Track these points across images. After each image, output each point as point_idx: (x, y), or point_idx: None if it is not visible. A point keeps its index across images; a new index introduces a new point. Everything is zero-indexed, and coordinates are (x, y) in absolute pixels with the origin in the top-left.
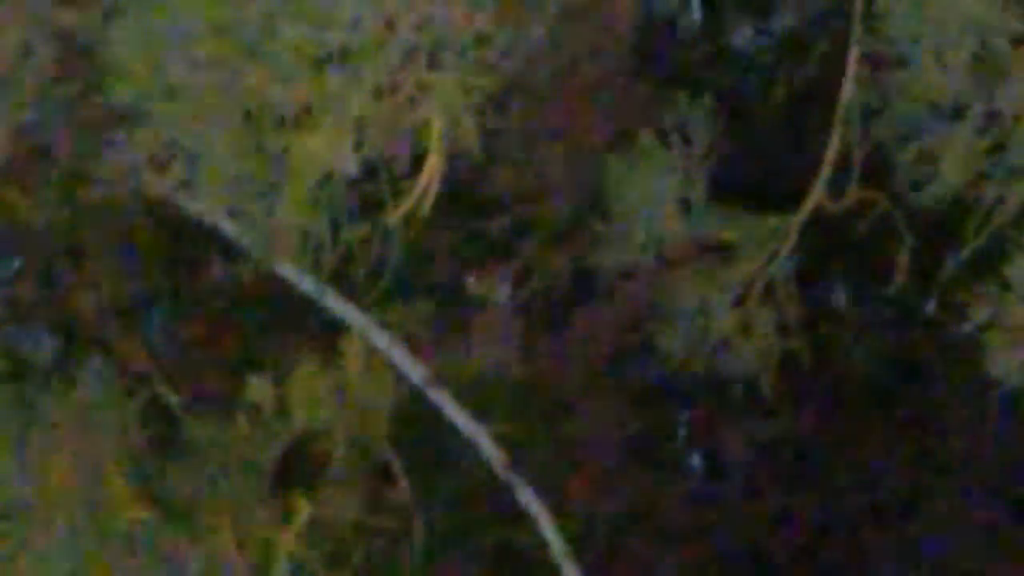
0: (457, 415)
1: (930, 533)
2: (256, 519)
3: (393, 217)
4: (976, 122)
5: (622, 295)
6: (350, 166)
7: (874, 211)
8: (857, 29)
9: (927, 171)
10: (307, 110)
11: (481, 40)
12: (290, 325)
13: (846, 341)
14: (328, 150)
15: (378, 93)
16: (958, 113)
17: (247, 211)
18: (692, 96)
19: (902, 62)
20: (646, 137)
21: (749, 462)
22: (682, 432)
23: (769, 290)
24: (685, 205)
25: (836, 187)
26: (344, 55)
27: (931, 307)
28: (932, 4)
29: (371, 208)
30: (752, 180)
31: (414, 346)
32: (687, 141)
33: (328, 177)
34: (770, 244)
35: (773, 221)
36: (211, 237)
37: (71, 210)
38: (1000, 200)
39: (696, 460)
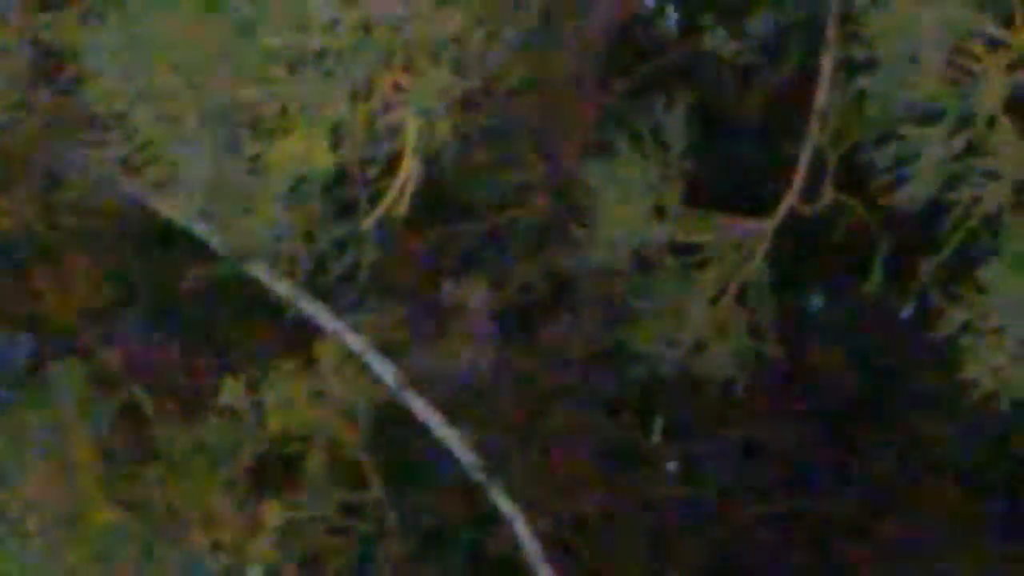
0: (432, 419)
1: (907, 537)
2: (230, 523)
3: (368, 220)
4: (951, 125)
5: (597, 299)
6: (324, 169)
7: (849, 214)
8: (832, 32)
9: (902, 174)
10: (282, 113)
11: (457, 43)
12: (265, 328)
13: (822, 345)
14: (303, 153)
15: (354, 96)
16: (933, 116)
17: (221, 214)
18: (667, 100)
19: (877, 65)
20: (621, 140)
21: (724, 466)
22: (657, 436)
23: (744, 293)
24: (660, 208)
25: (811, 191)
26: (320, 57)
27: (907, 310)
28: (907, 7)
29: (346, 211)
30: (727, 183)
31: (389, 350)
32: (662, 144)
33: (303, 180)
34: (745, 247)
35: (748, 224)
36: (185, 240)
37: (45, 213)
38: (975, 203)
39: (671, 464)
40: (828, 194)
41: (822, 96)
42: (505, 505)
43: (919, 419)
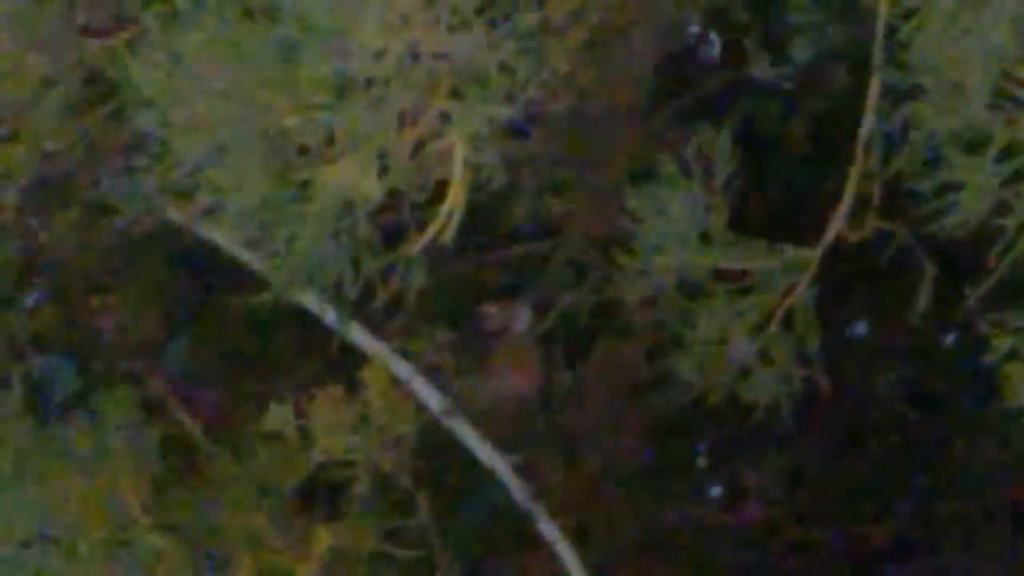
0: (478, 445)
1: (950, 565)
2: (277, 549)
3: (415, 246)
4: (997, 152)
5: (642, 326)
6: (372, 195)
7: (894, 242)
8: (877, 59)
9: (947, 201)
10: (330, 139)
11: (504, 70)
12: (312, 355)
13: (866, 372)
14: (350, 179)
15: (401, 122)
16: (978, 143)
17: (269, 241)
18: (712, 127)
19: (922, 92)
20: (667, 168)
21: (768, 492)
22: (701, 462)
23: (789, 320)
24: (705, 235)
25: (856, 218)
26: (367, 84)
27: (952, 338)
28: (953, 34)
29: (393, 237)
30: (772, 210)
31: (435, 376)
32: (707, 172)
33: (350, 206)
34: (790, 274)
35: (794, 252)
36: (233, 267)
37: (92, 240)
38: (1021, 230)
39: (715, 490)
40: (873, 221)
41: (867, 123)
42: (550, 531)
43: (965, 447)
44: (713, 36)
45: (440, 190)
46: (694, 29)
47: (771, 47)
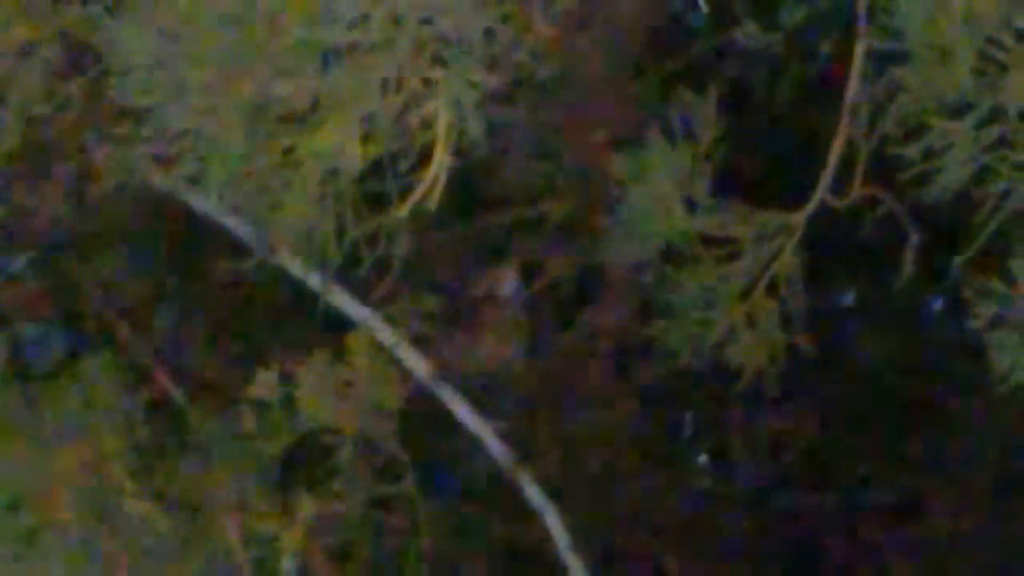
0: (463, 411)
1: (936, 532)
2: (261, 515)
3: (399, 213)
4: (981, 117)
5: (628, 291)
6: (356, 162)
7: (879, 208)
8: (863, 25)
9: (932, 167)
10: (313, 106)
11: (487, 36)
12: (296, 321)
13: (852, 338)
14: (335, 146)
15: (384, 89)
16: (963, 109)
17: (253, 207)
18: (697, 92)
19: (907, 58)
20: (651, 133)
21: (755, 460)
22: (688, 429)
23: (774, 286)
24: (690, 201)
25: (842, 184)
26: (350, 51)
27: (937, 304)
28: None
29: (377, 204)
30: (757, 176)
31: (420, 342)
32: (693, 137)
33: (334, 173)
34: (775, 240)
35: (778, 217)
36: (217, 233)
37: (77, 206)
38: (1005, 196)
39: (702, 457)
40: (859, 187)
41: (853, 88)
42: (535, 497)
43: (952, 412)
44: (700, 0)
45: (425, 156)
46: None
47: (758, 11)
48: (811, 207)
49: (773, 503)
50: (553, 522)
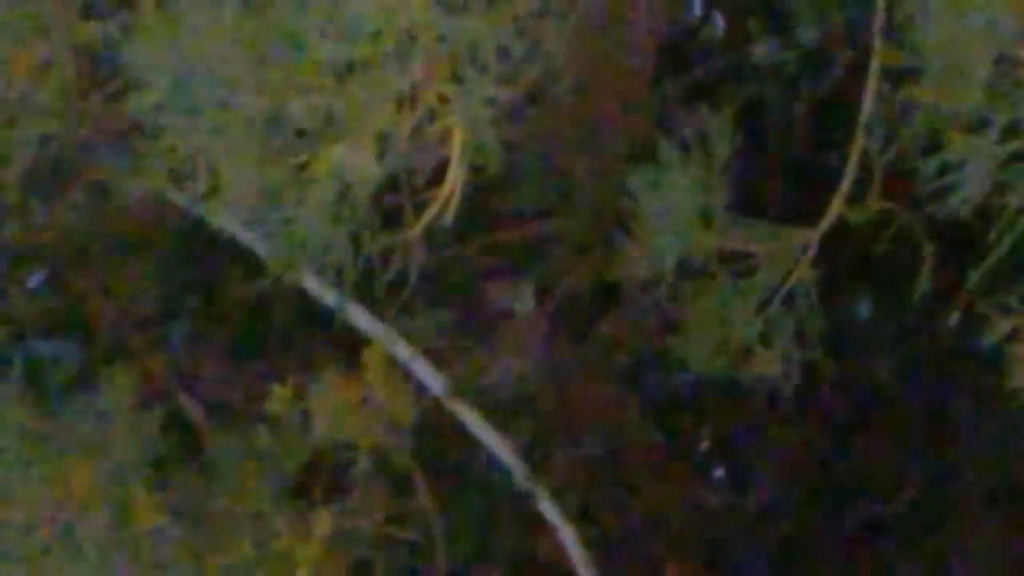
0: (478, 426)
1: (953, 547)
2: (277, 530)
3: (415, 228)
4: (997, 133)
5: (643, 307)
6: (372, 178)
7: (896, 223)
8: (878, 40)
9: (948, 182)
10: (328, 122)
11: (502, 52)
12: (312, 336)
13: (868, 353)
14: (350, 162)
15: (400, 105)
16: (979, 123)
17: (268, 223)
18: (713, 108)
19: (923, 73)
20: (667, 148)
21: (771, 474)
22: (704, 444)
23: (790, 301)
24: (706, 216)
25: (858, 199)
26: (366, 67)
27: (954, 319)
28: (953, 14)
29: (393, 219)
30: (774, 191)
31: (436, 357)
32: (709, 153)
33: (349, 189)
34: (791, 255)
35: (794, 232)
36: (233, 249)
37: (93, 222)
38: (1021, 210)
39: (718, 472)
40: (874, 202)
41: (868, 104)
42: (551, 512)
43: (968, 427)
44: (716, 17)
45: (440, 172)
46: (697, 10)
47: (774, 28)
48: (827, 222)
49: (789, 517)
50: (568, 537)
